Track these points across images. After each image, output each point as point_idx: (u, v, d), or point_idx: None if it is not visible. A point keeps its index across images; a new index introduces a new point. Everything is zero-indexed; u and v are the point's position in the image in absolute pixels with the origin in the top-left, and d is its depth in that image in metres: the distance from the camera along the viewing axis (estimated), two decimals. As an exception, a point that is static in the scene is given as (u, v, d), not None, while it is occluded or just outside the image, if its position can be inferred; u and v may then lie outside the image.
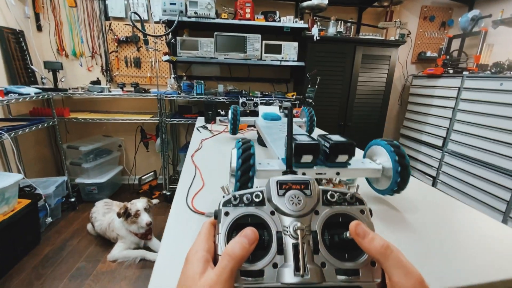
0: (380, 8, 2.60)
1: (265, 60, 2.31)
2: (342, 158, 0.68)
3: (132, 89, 2.51)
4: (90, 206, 2.38)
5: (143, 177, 2.70)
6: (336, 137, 0.70)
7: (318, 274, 0.24)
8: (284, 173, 0.34)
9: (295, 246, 0.25)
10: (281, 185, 0.29)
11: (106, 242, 1.90)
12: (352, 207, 0.28)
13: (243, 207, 0.28)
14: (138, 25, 2.19)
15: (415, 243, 0.55)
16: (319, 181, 0.82)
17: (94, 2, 2.38)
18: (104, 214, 1.93)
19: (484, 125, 1.99)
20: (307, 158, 0.66)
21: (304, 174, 0.69)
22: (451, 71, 2.31)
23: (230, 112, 1.42)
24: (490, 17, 2.27)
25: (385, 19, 2.50)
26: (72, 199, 2.33)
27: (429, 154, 2.52)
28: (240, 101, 2.30)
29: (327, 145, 0.67)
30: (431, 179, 2.50)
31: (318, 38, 2.14)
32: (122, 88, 2.47)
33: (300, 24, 2.25)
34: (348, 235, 0.26)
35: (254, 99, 2.31)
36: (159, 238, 1.89)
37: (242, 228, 0.26)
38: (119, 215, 1.74)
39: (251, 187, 0.62)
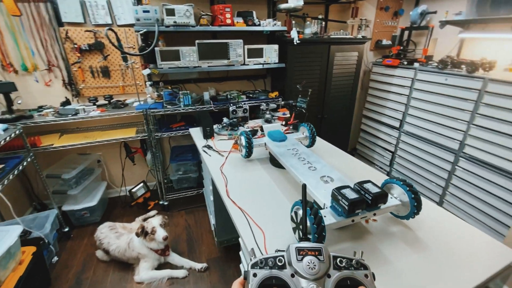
0: (346, 3, 2.76)
1: (248, 64, 2.34)
2: (380, 205, 0.94)
3: (106, 102, 2.32)
4: (84, 231, 2.31)
5: (133, 190, 2.64)
6: (372, 187, 0.94)
7: None
8: (301, 240, 0.42)
9: None
10: (299, 251, 0.34)
11: (123, 266, 1.94)
12: (358, 271, 0.33)
13: (267, 269, 0.33)
14: (113, 37, 1.96)
15: (428, 259, 0.86)
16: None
17: (41, 6, 1.99)
18: (118, 237, 1.94)
19: (431, 111, 2.46)
20: (357, 210, 0.90)
21: (353, 221, 0.93)
22: (405, 63, 2.69)
23: (243, 138, 1.54)
24: (435, 13, 2.64)
25: (351, 14, 2.68)
26: (66, 229, 2.21)
27: (388, 133, 3.01)
28: (230, 109, 2.38)
29: (369, 197, 0.91)
30: (390, 153, 3.03)
31: (298, 42, 2.24)
32: (94, 103, 2.26)
33: (279, 27, 2.29)
34: None
35: (243, 105, 2.40)
36: (174, 250, 2.01)
37: None
38: (137, 234, 1.80)
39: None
